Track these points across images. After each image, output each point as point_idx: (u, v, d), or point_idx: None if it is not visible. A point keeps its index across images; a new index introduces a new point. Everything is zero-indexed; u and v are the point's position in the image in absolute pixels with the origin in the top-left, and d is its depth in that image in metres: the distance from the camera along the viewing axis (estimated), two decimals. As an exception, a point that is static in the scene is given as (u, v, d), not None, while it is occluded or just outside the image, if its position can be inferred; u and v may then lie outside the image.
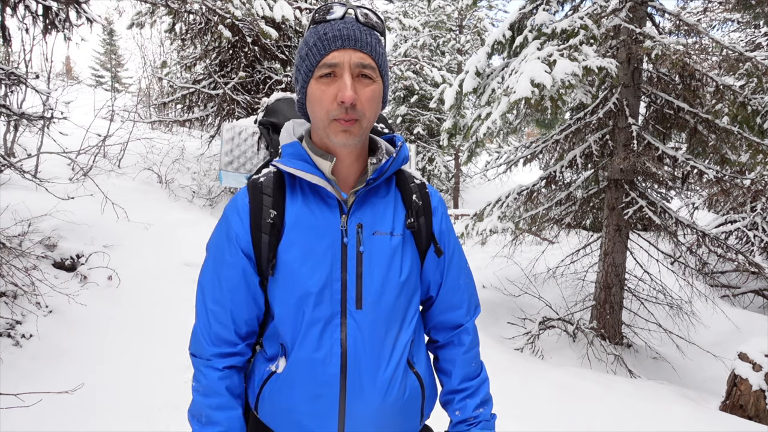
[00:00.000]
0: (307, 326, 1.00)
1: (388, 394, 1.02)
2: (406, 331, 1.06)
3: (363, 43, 0.96)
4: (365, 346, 1.01)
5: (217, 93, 7.36)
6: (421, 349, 1.14)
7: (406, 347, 1.06)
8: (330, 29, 0.96)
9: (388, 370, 1.02)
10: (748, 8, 5.93)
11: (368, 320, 1.01)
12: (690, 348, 5.82)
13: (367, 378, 1.01)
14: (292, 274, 1.00)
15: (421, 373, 1.10)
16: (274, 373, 1.04)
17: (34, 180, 4.25)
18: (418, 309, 1.12)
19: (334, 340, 1.00)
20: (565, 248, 7.05)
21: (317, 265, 1.00)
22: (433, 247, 1.11)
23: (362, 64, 0.95)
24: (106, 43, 31.57)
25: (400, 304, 1.05)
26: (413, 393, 1.07)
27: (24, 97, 5.64)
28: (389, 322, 1.03)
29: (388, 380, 1.02)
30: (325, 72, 0.95)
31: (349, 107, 0.93)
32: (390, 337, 1.04)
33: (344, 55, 0.94)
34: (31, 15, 3.70)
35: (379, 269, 1.02)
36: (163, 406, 2.83)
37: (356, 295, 1.01)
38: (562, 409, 3.36)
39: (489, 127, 4.93)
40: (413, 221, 1.07)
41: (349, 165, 1.04)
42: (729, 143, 5.30)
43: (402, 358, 1.05)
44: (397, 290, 1.04)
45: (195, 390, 1.06)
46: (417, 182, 1.13)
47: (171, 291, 4.02)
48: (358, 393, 1.00)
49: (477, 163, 13.02)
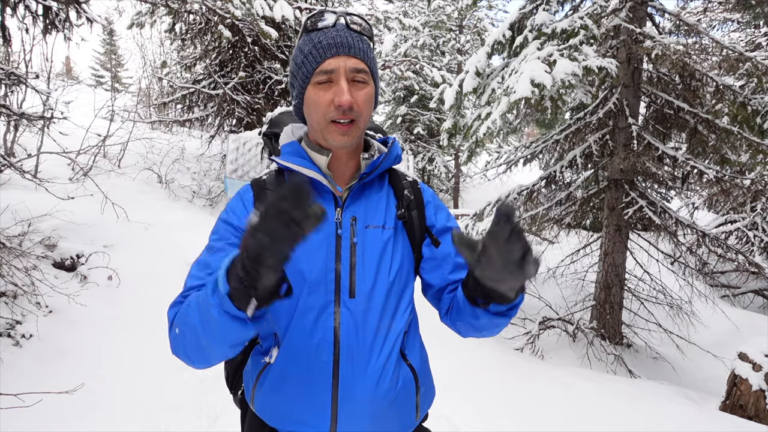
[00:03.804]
0: (301, 313, 1.02)
1: (380, 382, 1.03)
2: (399, 321, 1.08)
3: (356, 50, 1.01)
4: (358, 334, 1.03)
5: (217, 93, 7.36)
6: (415, 342, 1.15)
7: (398, 337, 1.08)
8: (324, 37, 1.01)
9: (381, 358, 1.04)
10: (748, 8, 5.93)
11: (361, 309, 1.04)
12: (690, 348, 5.81)
13: (359, 366, 1.02)
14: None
15: (415, 365, 1.11)
16: (268, 365, 1.06)
17: (34, 180, 4.25)
18: (411, 300, 1.14)
19: (327, 327, 1.02)
20: (565, 248, 7.04)
21: (312, 255, 1.03)
22: (428, 240, 1.13)
23: (356, 69, 1.01)
24: (106, 43, 31.52)
25: (393, 294, 1.08)
26: (406, 383, 1.08)
27: (24, 97, 5.65)
28: (382, 311, 1.06)
29: (380, 368, 1.03)
30: (322, 79, 1.00)
31: (347, 109, 0.98)
32: (383, 326, 1.06)
33: (339, 61, 1.00)
34: (31, 15, 3.70)
35: (372, 260, 1.06)
36: (163, 407, 2.83)
37: (349, 284, 1.04)
38: (562, 408, 3.36)
39: (489, 127, 4.93)
40: (404, 212, 1.11)
41: (344, 162, 1.09)
42: (729, 143, 5.29)
43: (395, 348, 1.06)
44: (390, 280, 1.07)
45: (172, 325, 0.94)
46: (409, 179, 1.18)
47: (171, 291, 3.97)
48: (351, 381, 1.02)
49: (477, 163, 13.03)
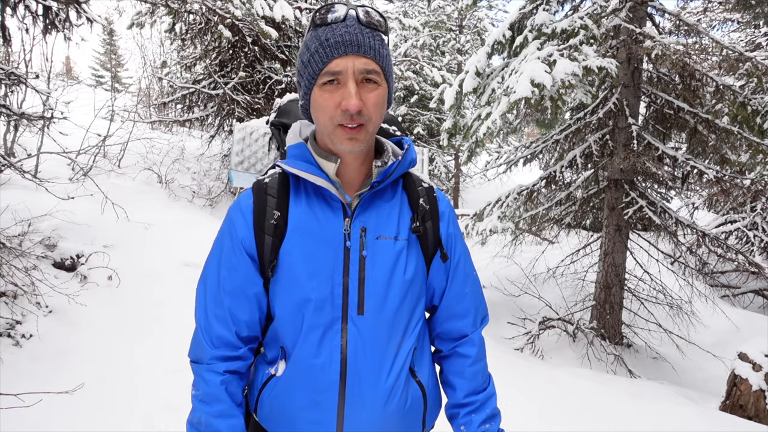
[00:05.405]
0: (307, 331, 0.98)
1: (388, 403, 0.99)
2: (409, 339, 1.03)
3: (366, 48, 0.92)
4: (366, 353, 0.98)
5: (217, 93, 7.35)
6: (424, 357, 1.10)
7: (408, 355, 1.03)
8: (332, 34, 0.92)
9: (390, 378, 1.00)
10: (748, 8, 5.93)
11: (370, 326, 0.99)
12: (690, 348, 5.81)
13: (367, 386, 0.98)
14: (293, 276, 0.98)
15: (423, 382, 1.07)
16: (274, 376, 1.02)
17: (34, 180, 4.24)
18: (422, 316, 1.09)
19: (333, 346, 0.98)
20: (565, 248, 7.04)
21: (318, 269, 0.98)
22: (439, 252, 1.07)
23: (366, 70, 0.92)
24: (106, 43, 31.50)
25: (404, 310, 1.02)
26: (415, 403, 1.04)
27: (24, 97, 5.65)
28: (392, 328, 1.00)
29: (389, 389, 0.99)
30: (329, 79, 0.92)
31: (354, 113, 0.91)
32: (392, 344, 1.01)
33: (347, 61, 0.91)
34: (31, 15, 3.69)
35: (382, 274, 1.00)
36: (163, 407, 2.82)
37: (358, 300, 0.98)
38: (562, 408, 3.36)
39: (489, 127, 4.93)
40: (419, 225, 1.03)
41: (354, 168, 1.02)
42: (729, 143, 5.29)
43: (404, 367, 1.02)
44: (401, 296, 1.01)
45: (195, 398, 1.01)
46: (425, 185, 1.09)
47: (171, 291, 4.02)
48: (358, 401, 0.98)
49: (477, 163, 13.00)
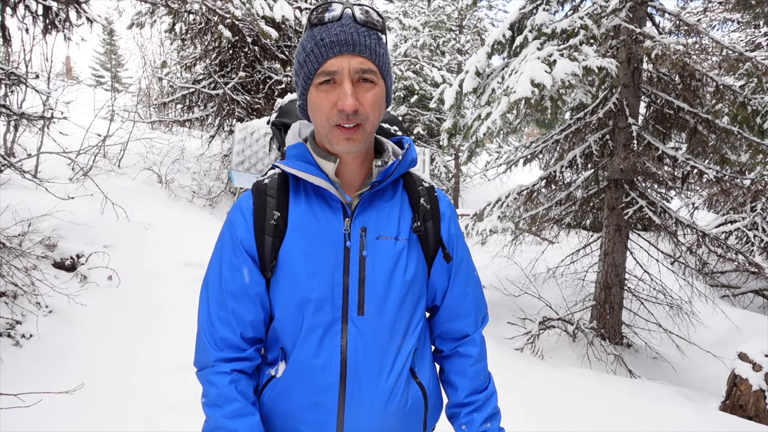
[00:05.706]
0: (307, 331, 0.97)
1: (388, 404, 0.99)
2: (409, 340, 1.03)
3: (362, 47, 0.92)
4: (366, 353, 0.98)
5: (217, 93, 7.35)
6: (425, 357, 1.10)
7: (409, 356, 1.03)
8: (327, 34, 0.91)
9: (390, 379, 0.99)
10: (748, 8, 5.93)
11: (370, 327, 0.98)
12: (690, 348, 5.81)
13: (367, 387, 0.98)
14: (293, 277, 0.98)
15: (424, 383, 1.07)
16: (274, 378, 1.02)
17: (34, 180, 4.25)
18: (423, 316, 1.09)
19: (333, 346, 0.97)
20: (565, 248, 7.04)
21: (318, 269, 0.97)
22: (441, 253, 1.07)
23: (362, 69, 0.92)
24: (106, 43, 31.50)
25: (404, 310, 1.02)
26: (415, 404, 1.04)
27: (24, 97, 5.64)
28: (392, 329, 1.00)
29: (389, 390, 0.99)
30: (324, 79, 0.92)
31: (351, 113, 0.90)
32: (393, 345, 1.00)
33: (343, 61, 0.91)
34: (31, 15, 3.70)
35: (383, 274, 0.99)
36: (163, 407, 2.82)
37: (358, 300, 0.98)
38: (562, 408, 3.36)
39: (489, 127, 4.93)
40: (420, 225, 1.03)
41: (354, 168, 1.02)
42: (729, 143, 5.30)
43: (405, 368, 1.02)
44: (401, 296, 1.01)
45: (205, 405, 0.98)
46: (426, 185, 1.09)
47: (171, 291, 4.02)
48: (358, 402, 0.98)
49: (477, 163, 12.99)
